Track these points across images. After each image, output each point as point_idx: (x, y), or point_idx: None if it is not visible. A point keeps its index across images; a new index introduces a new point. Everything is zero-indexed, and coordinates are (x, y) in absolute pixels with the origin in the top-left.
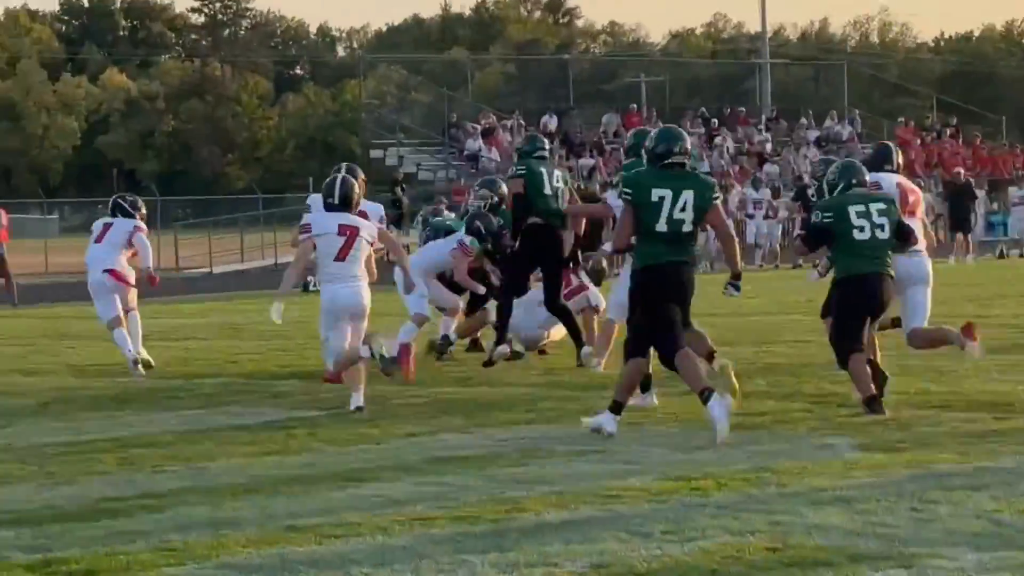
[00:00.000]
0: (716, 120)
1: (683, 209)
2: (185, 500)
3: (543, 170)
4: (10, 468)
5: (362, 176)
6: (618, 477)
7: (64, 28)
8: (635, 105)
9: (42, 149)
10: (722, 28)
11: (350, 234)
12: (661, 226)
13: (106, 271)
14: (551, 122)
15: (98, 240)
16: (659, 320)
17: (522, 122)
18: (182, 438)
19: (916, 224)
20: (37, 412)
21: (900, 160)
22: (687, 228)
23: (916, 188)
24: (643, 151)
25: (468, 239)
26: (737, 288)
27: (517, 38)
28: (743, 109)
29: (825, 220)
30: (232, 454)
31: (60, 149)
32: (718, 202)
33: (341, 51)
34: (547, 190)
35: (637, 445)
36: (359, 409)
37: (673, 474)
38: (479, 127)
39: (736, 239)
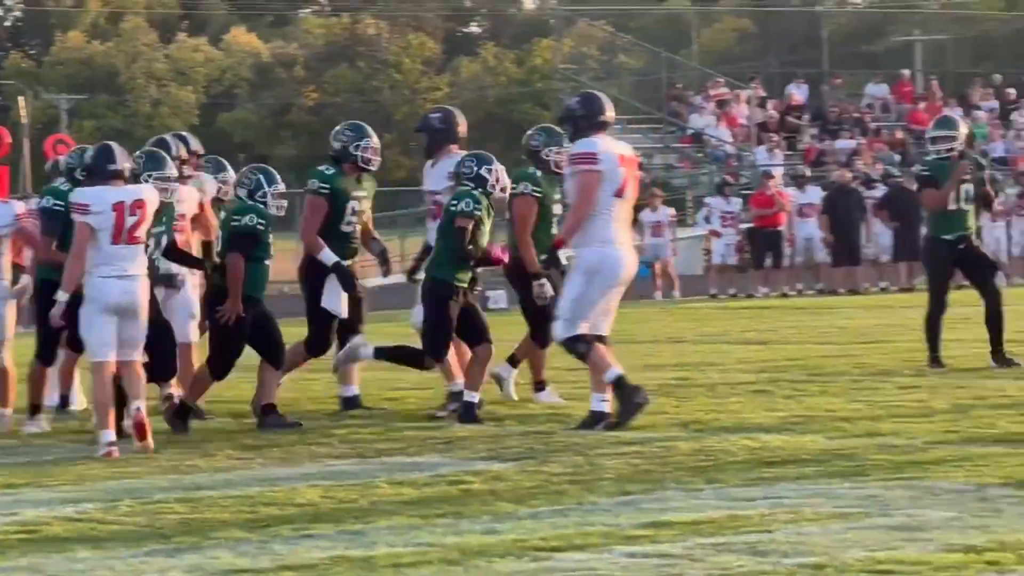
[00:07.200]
0: (1014, 90)
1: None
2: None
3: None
4: None
5: None
6: (890, 547)
7: None
8: (907, 71)
9: (150, 129)
10: None
11: None
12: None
13: None
14: (799, 92)
15: None
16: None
17: (762, 92)
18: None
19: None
20: None
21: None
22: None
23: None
24: None
25: None
26: None
27: None
28: None
29: None
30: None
31: (172, 129)
32: None
33: (529, 2)
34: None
35: (912, 507)
36: None
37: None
38: (707, 99)
39: None
